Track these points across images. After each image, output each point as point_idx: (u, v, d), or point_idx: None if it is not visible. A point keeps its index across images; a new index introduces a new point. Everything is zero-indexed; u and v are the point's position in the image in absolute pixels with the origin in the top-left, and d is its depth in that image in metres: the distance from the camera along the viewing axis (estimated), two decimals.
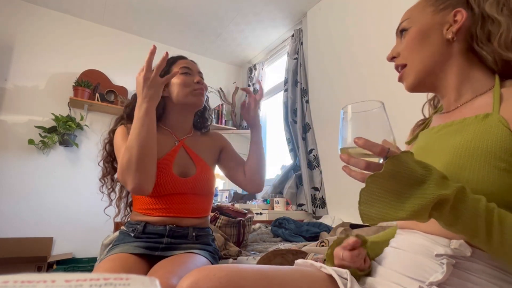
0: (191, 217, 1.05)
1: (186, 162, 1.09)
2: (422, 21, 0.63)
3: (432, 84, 0.64)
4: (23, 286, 0.17)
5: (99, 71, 2.77)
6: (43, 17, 2.65)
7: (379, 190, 0.44)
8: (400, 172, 0.43)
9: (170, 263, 0.87)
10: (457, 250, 0.49)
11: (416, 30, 0.64)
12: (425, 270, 0.51)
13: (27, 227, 2.33)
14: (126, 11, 2.72)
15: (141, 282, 0.18)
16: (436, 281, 0.48)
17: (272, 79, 3.25)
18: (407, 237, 0.59)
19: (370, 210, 0.44)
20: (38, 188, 2.42)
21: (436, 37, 0.62)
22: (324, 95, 2.32)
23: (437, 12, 0.62)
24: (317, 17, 2.53)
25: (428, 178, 0.43)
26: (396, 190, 0.43)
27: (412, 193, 0.43)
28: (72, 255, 2.40)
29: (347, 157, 0.46)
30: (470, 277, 0.48)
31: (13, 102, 2.43)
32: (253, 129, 1.18)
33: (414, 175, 0.43)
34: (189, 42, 3.17)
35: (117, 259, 0.89)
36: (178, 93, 1.09)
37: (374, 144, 0.43)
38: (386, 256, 0.61)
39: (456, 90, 0.62)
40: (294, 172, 2.44)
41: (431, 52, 0.62)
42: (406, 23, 0.66)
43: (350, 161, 0.46)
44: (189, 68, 1.12)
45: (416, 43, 0.63)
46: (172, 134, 1.12)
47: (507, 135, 0.50)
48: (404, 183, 0.43)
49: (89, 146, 2.67)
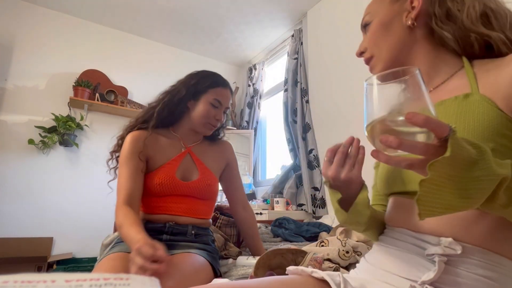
0: (190, 216, 1.07)
1: (190, 167, 1.13)
2: (382, 13, 0.64)
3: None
4: (23, 286, 0.17)
5: (99, 71, 2.77)
6: (43, 17, 2.65)
7: (440, 177, 0.36)
8: (459, 154, 0.35)
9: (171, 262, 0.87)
10: (447, 249, 0.48)
11: (377, 22, 0.64)
12: (417, 268, 0.50)
13: (27, 227, 2.33)
14: (126, 11, 2.72)
15: (141, 282, 0.18)
16: (428, 280, 0.47)
17: (272, 79, 3.25)
18: (395, 235, 0.58)
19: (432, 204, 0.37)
20: (38, 188, 2.42)
21: (397, 26, 0.62)
22: (324, 95, 2.32)
23: (395, 2, 0.63)
24: (317, 17, 2.53)
25: (481, 156, 0.36)
26: (457, 175, 0.36)
27: (472, 175, 0.36)
28: (72, 255, 2.40)
29: (398, 140, 0.35)
30: (461, 273, 0.47)
31: (13, 102, 2.43)
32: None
33: (469, 155, 0.36)
34: (189, 42, 3.17)
35: (117, 258, 0.90)
36: (195, 117, 1.15)
37: (439, 122, 0.34)
38: (376, 255, 0.60)
39: (426, 74, 0.61)
40: (294, 172, 2.44)
41: (394, 41, 0.62)
42: (368, 17, 0.67)
43: (404, 145, 0.35)
44: (220, 102, 1.16)
45: (379, 34, 0.64)
46: (180, 141, 1.17)
47: (494, 113, 0.48)
48: (462, 165, 0.36)
49: (89, 146, 2.67)
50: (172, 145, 1.14)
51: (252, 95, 3.23)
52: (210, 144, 1.24)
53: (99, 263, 0.92)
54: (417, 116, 0.34)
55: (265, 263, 0.87)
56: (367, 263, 0.61)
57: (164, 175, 1.06)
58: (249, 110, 3.24)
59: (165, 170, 1.07)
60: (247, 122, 3.22)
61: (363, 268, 0.62)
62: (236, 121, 3.40)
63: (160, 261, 0.74)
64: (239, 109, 3.47)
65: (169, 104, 1.14)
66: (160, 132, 1.15)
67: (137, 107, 2.83)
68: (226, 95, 1.19)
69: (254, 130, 3.10)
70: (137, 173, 1.04)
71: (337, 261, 1.02)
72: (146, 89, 2.99)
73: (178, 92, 1.16)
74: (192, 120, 1.16)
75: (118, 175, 1.06)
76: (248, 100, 3.28)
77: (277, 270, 0.84)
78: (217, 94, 1.16)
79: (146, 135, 1.09)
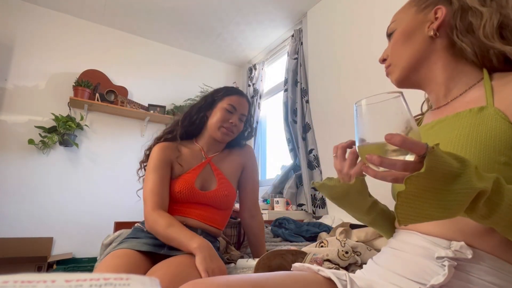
0: (201, 221, 1.11)
1: (209, 177, 1.18)
2: (406, 22, 0.66)
3: (417, 81, 0.66)
4: (23, 286, 0.17)
5: (99, 71, 2.77)
6: (43, 17, 2.65)
7: (417, 190, 0.40)
8: (438, 168, 0.38)
9: (169, 265, 0.87)
10: (458, 252, 0.48)
11: (400, 31, 0.66)
12: (426, 272, 0.50)
13: (27, 227, 2.33)
14: (126, 11, 2.72)
15: (141, 282, 0.18)
16: (438, 284, 0.47)
17: (272, 79, 3.25)
18: (405, 238, 0.58)
19: (409, 213, 0.41)
20: (38, 188, 2.42)
21: (419, 35, 0.63)
22: (324, 95, 2.32)
23: (419, 12, 0.64)
24: (317, 17, 2.53)
25: (464, 170, 0.39)
26: (434, 187, 0.39)
27: (450, 188, 0.39)
28: (72, 255, 2.40)
29: (379, 159, 0.39)
30: (471, 279, 0.47)
31: (13, 102, 2.43)
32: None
33: (450, 169, 0.39)
34: (189, 42, 3.17)
35: (122, 255, 0.92)
36: (211, 124, 1.19)
37: (415, 142, 0.38)
38: (384, 257, 0.60)
39: (444, 86, 0.62)
40: (294, 172, 2.44)
41: (413, 50, 0.63)
42: (393, 25, 0.68)
43: (384, 163, 0.39)
44: (234, 107, 1.20)
45: (400, 43, 0.65)
46: (202, 151, 1.21)
47: (506, 127, 0.49)
48: (442, 179, 0.39)
49: (89, 146, 2.67)
50: (194, 155, 1.19)
51: (252, 95, 3.23)
52: (230, 152, 1.27)
53: (104, 259, 0.93)
54: (395, 137, 0.38)
55: (265, 264, 0.87)
56: (375, 264, 0.61)
57: (184, 184, 1.10)
58: None
59: (185, 179, 1.12)
60: None
61: (370, 269, 0.62)
62: None
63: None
64: None
65: (190, 115, 1.22)
66: (184, 144, 1.21)
67: (137, 107, 2.83)
68: (241, 102, 1.22)
69: (254, 130, 3.10)
70: (164, 181, 1.10)
71: (337, 261, 1.02)
72: (146, 89, 2.99)
73: (198, 103, 1.25)
74: (209, 127, 1.20)
75: (145, 182, 1.11)
76: None
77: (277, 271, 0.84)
78: (231, 101, 1.20)
79: (172, 145, 1.17)
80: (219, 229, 1.17)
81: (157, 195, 1.06)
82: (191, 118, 1.22)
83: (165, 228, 0.97)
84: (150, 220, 1.01)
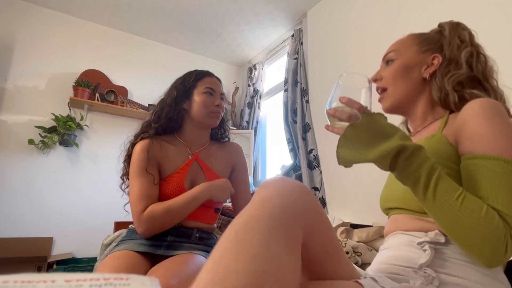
0: (196, 220, 1.08)
1: (198, 175, 1.13)
2: (407, 57, 0.76)
3: (404, 110, 0.79)
4: (23, 286, 0.17)
5: (99, 71, 2.77)
6: (43, 17, 2.65)
7: (354, 138, 0.54)
8: (372, 126, 0.54)
9: (170, 263, 0.87)
10: (433, 238, 0.59)
11: (401, 63, 0.76)
12: (413, 257, 0.61)
13: (27, 227, 2.32)
14: (126, 11, 2.72)
15: (141, 282, 0.18)
16: (425, 262, 0.57)
17: (272, 79, 3.25)
18: (392, 239, 0.70)
19: (345, 154, 0.54)
20: (38, 188, 2.42)
21: (416, 73, 0.75)
22: (324, 95, 2.32)
23: (420, 52, 0.76)
24: (317, 17, 2.53)
25: (394, 134, 0.54)
26: (368, 141, 0.53)
27: (380, 143, 0.53)
28: (72, 255, 2.40)
29: (333, 110, 0.58)
30: (446, 258, 0.58)
31: (13, 102, 2.43)
32: None
33: (383, 131, 0.54)
34: (189, 42, 3.17)
35: (121, 256, 0.91)
36: (196, 112, 1.13)
37: (355, 102, 0.56)
38: (379, 257, 0.70)
39: (421, 118, 0.77)
40: (294, 172, 2.43)
41: (409, 85, 0.75)
42: (394, 54, 0.79)
43: (336, 113, 0.57)
44: (212, 89, 1.16)
45: (399, 74, 0.76)
46: (187, 147, 1.15)
47: (445, 147, 0.64)
48: (375, 136, 0.53)
49: (89, 146, 2.67)
50: (179, 153, 1.13)
51: (252, 95, 3.23)
52: (218, 147, 1.22)
53: (104, 261, 0.93)
54: (344, 98, 0.57)
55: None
56: (375, 264, 0.70)
57: (174, 187, 1.05)
58: (249, 110, 3.24)
59: (174, 180, 1.06)
60: (247, 122, 3.22)
61: (371, 269, 0.69)
62: (236, 121, 3.40)
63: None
64: (239, 109, 3.47)
65: (164, 111, 1.14)
66: (167, 140, 1.14)
67: (137, 107, 2.83)
68: (215, 82, 1.18)
69: (254, 130, 3.10)
70: (152, 183, 1.04)
71: None
72: (146, 89, 2.99)
73: (169, 95, 1.16)
74: (194, 118, 1.14)
75: (130, 187, 1.04)
76: (248, 100, 3.28)
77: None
78: (206, 83, 1.16)
79: (155, 142, 1.10)
80: (212, 224, 1.15)
81: (146, 199, 1.00)
82: (167, 114, 1.13)
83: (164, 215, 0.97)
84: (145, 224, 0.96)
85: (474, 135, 0.59)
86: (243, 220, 0.43)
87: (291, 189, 0.50)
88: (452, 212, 0.51)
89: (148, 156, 1.06)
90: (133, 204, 1.00)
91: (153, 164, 1.06)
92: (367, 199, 1.76)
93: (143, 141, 1.10)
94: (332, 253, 0.54)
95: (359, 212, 1.81)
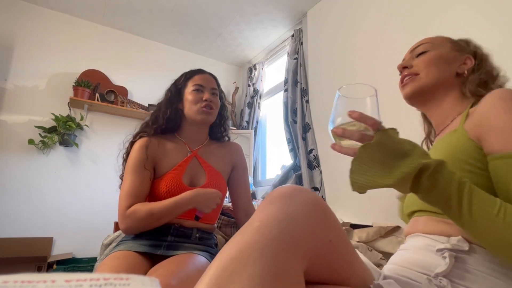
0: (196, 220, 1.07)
1: (197, 171, 1.12)
2: (443, 50, 0.76)
3: (428, 100, 0.77)
4: (23, 286, 0.17)
5: (99, 71, 2.77)
6: (43, 17, 2.65)
7: (368, 160, 0.48)
8: (388, 145, 0.48)
9: (170, 263, 0.87)
10: (455, 245, 0.54)
11: (436, 54, 0.76)
12: (430, 264, 0.57)
13: (27, 227, 2.32)
14: (126, 11, 2.72)
15: (141, 282, 0.18)
16: (441, 272, 0.53)
17: (272, 79, 3.25)
18: (411, 240, 0.66)
19: (360, 178, 0.48)
20: (38, 188, 2.42)
21: (450, 67, 0.75)
22: (324, 95, 2.32)
23: (454, 50, 0.77)
24: (317, 17, 2.53)
25: (412, 152, 0.48)
26: (383, 161, 0.48)
27: (398, 164, 0.47)
28: (72, 255, 2.40)
29: (342, 130, 0.51)
30: (469, 269, 0.53)
31: (13, 102, 2.43)
32: None
33: (400, 148, 0.48)
34: (189, 42, 3.17)
35: (121, 257, 0.91)
36: (188, 110, 1.15)
37: (368, 117, 0.49)
38: (396, 257, 0.67)
39: (445, 113, 0.75)
40: (294, 172, 2.43)
41: (442, 75, 0.74)
42: (426, 46, 0.78)
43: (345, 133, 0.51)
44: (201, 85, 1.16)
45: (434, 62, 0.75)
46: (186, 145, 1.16)
47: (467, 142, 0.61)
48: (391, 155, 0.48)
49: (89, 146, 2.67)
50: (178, 150, 1.13)
51: (252, 95, 3.23)
52: (218, 146, 1.22)
53: (103, 261, 0.93)
54: (355, 112, 0.49)
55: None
56: (389, 265, 0.67)
57: (171, 182, 1.05)
58: (249, 110, 3.24)
59: (172, 176, 1.06)
60: (247, 122, 3.22)
61: (387, 268, 0.67)
62: (236, 121, 3.40)
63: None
64: (239, 109, 3.47)
65: (162, 112, 1.16)
66: (167, 138, 1.16)
67: (137, 107, 2.83)
68: (204, 78, 1.19)
69: (254, 130, 3.10)
70: (144, 183, 1.05)
71: None
72: (146, 89, 2.99)
73: (165, 96, 1.20)
74: (187, 116, 1.16)
75: (123, 182, 1.06)
76: (248, 100, 3.28)
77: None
78: (195, 81, 1.17)
79: (155, 140, 1.12)
80: (212, 224, 1.15)
81: (133, 197, 1.01)
82: (164, 115, 1.15)
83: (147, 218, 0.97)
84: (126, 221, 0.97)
85: (497, 130, 0.55)
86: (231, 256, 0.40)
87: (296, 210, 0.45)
88: (495, 229, 0.46)
89: (146, 153, 1.07)
90: (120, 200, 1.02)
91: (150, 163, 1.08)
92: (367, 199, 1.76)
93: (142, 139, 1.12)
94: (341, 265, 0.50)
95: (359, 212, 1.81)
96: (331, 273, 0.49)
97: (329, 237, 0.47)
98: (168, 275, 0.78)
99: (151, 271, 0.86)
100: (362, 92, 0.53)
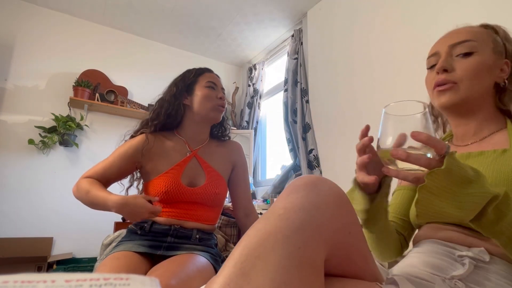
0: (196, 221, 1.07)
1: (196, 171, 1.11)
2: (487, 54, 0.67)
3: (463, 110, 0.69)
4: (23, 286, 0.17)
5: (99, 71, 2.77)
6: (43, 17, 2.65)
7: (436, 189, 0.44)
8: (455, 171, 0.43)
9: (170, 263, 0.87)
10: (477, 255, 0.53)
11: (483, 61, 0.66)
12: (446, 267, 0.55)
13: (27, 227, 2.32)
14: (126, 11, 2.72)
15: (141, 282, 0.18)
16: (458, 275, 0.52)
17: (272, 79, 3.25)
18: (427, 245, 0.64)
19: (428, 210, 0.45)
20: (38, 188, 2.42)
21: (491, 75, 0.67)
22: (324, 95, 2.32)
23: (495, 52, 0.68)
24: (317, 17, 2.53)
25: (477, 178, 0.44)
26: (452, 189, 0.44)
27: (466, 191, 0.44)
28: (72, 255, 2.40)
29: (406, 153, 0.43)
30: (488, 277, 0.52)
31: (13, 102, 2.43)
32: None
33: (466, 175, 0.44)
34: (189, 42, 3.17)
35: (121, 257, 0.91)
36: (200, 106, 1.12)
37: (437, 140, 0.43)
38: (408, 259, 0.66)
39: (478, 124, 0.69)
40: (294, 172, 2.44)
41: (483, 87, 0.67)
42: (471, 46, 0.67)
43: (410, 158, 0.43)
44: (214, 83, 1.15)
45: (478, 73, 0.66)
46: (186, 144, 1.14)
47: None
48: (459, 181, 0.44)
49: (89, 146, 2.67)
50: (177, 149, 1.11)
51: (252, 95, 3.23)
52: (218, 145, 1.20)
53: (103, 261, 0.92)
54: (421, 134, 0.43)
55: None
56: (400, 266, 0.66)
57: (169, 182, 1.03)
58: (249, 110, 3.24)
59: (170, 176, 1.05)
60: (247, 122, 3.22)
61: (396, 269, 0.66)
62: (236, 121, 3.40)
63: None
64: (239, 109, 3.47)
65: (163, 108, 1.13)
66: (166, 136, 1.14)
67: (137, 107, 2.83)
68: (215, 77, 1.19)
69: (254, 130, 3.10)
70: (119, 172, 1.08)
71: None
72: (146, 89, 2.99)
73: (168, 92, 1.16)
74: (197, 112, 1.12)
75: (105, 158, 1.09)
76: (248, 100, 3.28)
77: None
78: (207, 78, 1.16)
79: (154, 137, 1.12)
80: (213, 225, 1.14)
81: (96, 174, 1.04)
82: (166, 110, 1.12)
83: (83, 194, 0.99)
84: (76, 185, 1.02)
85: None
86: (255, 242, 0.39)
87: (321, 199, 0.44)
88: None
89: (141, 150, 1.08)
90: (90, 169, 1.07)
91: (138, 159, 1.08)
92: None
93: (142, 135, 1.11)
94: (358, 258, 0.49)
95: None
96: (349, 264, 0.48)
97: (349, 229, 0.46)
98: (168, 275, 0.78)
99: (151, 271, 0.86)
100: (412, 108, 0.48)
